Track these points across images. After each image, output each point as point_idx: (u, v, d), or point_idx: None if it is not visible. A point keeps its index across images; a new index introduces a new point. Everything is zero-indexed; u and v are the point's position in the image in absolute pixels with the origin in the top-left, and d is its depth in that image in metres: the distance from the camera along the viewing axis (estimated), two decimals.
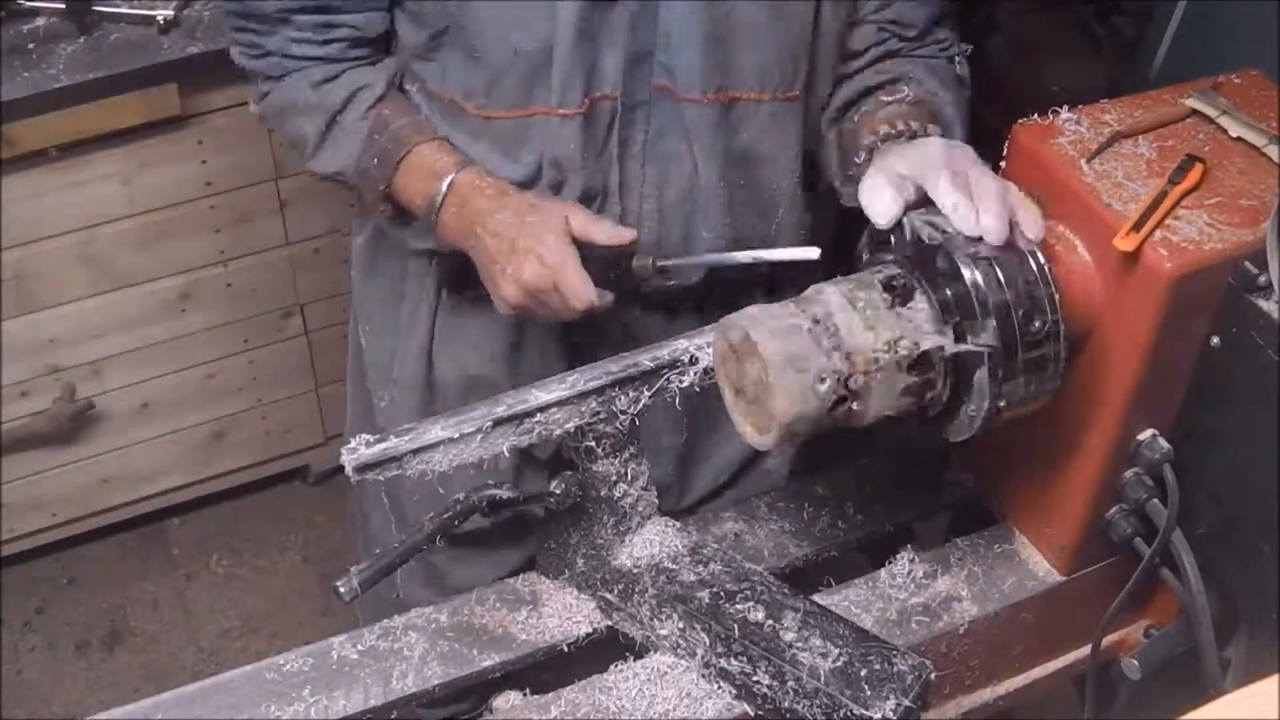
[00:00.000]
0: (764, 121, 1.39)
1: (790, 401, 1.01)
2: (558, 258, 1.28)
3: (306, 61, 1.41)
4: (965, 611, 1.29)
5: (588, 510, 1.24)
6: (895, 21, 1.45)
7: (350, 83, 1.41)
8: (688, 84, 1.34)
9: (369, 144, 1.39)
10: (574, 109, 1.33)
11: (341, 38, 1.39)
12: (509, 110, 1.36)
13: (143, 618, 2.75)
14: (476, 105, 1.38)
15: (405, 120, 1.39)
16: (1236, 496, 1.16)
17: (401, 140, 1.38)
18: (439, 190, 1.35)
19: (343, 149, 1.41)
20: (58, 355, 2.42)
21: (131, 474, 2.67)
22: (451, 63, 1.37)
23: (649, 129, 1.37)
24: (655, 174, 1.39)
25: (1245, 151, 1.18)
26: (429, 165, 1.37)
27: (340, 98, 1.40)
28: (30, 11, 2.12)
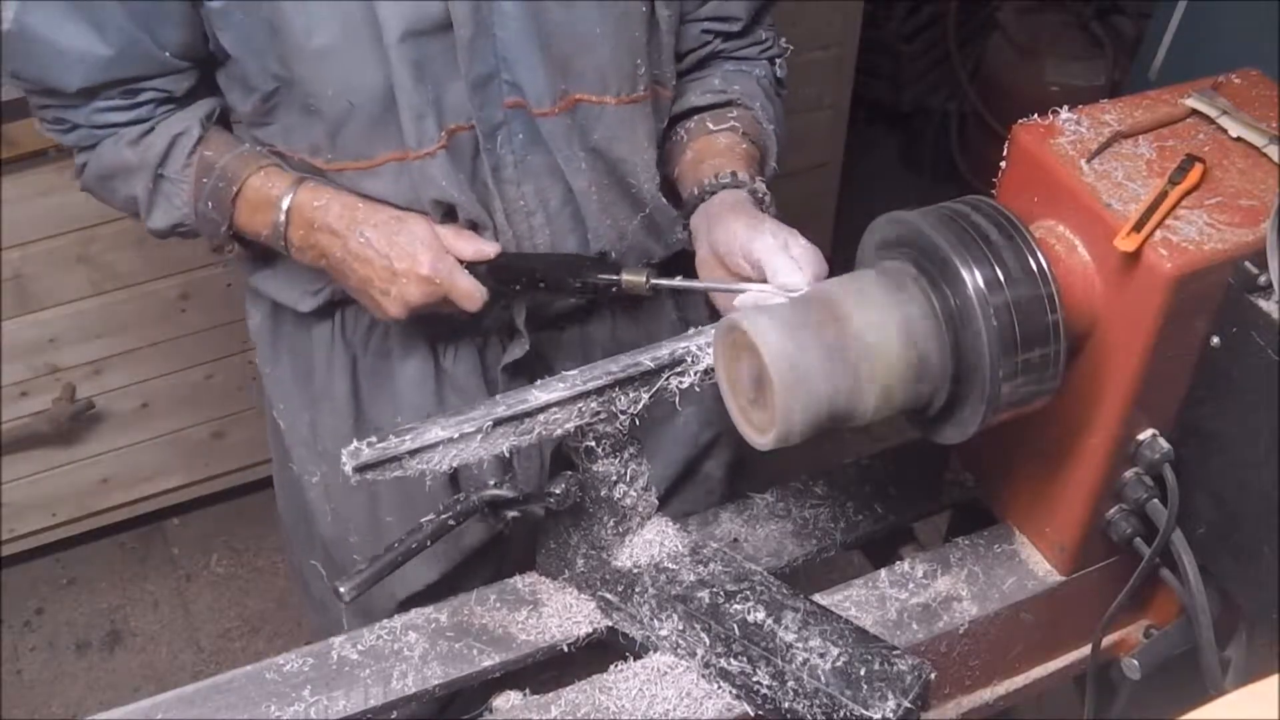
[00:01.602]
0: (612, 124, 1.38)
1: (790, 401, 1.01)
2: (442, 272, 1.31)
3: (116, 128, 1.38)
4: (965, 611, 1.29)
5: (588, 510, 1.24)
6: (718, 18, 1.47)
7: (166, 133, 1.38)
8: (537, 98, 1.33)
9: (199, 190, 1.38)
10: (434, 146, 1.32)
11: (149, 99, 1.37)
12: (357, 161, 1.35)
13: (143, 618, 2.75)
14: (324, 161, 1.36)
15: (230, 156, 1.37)
16: (1236, 496, 1.16)
17: (231, 177, 1.36)
18: (279, 217, 1.35)
19: (175, 201, 1.39)
20: (58, 355, 2.43)
21: (131, 474, 2.68)
22: (289, 122, 1.36)
23: (514, 147, 1.36)
24: (533, 190, 1.39)
25: (1245, 151, 1.18)
26: (262, 195, 1.36)
27: (159, 150, 1.37)
28: None
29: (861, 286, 1.07)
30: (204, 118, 1.39)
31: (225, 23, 1.29)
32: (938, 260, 1.05)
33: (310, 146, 1.36)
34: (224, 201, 1.37)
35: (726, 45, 1.51)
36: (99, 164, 1.41)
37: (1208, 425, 1.17)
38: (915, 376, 1.05)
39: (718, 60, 1.52)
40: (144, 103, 1.37)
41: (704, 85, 1.50)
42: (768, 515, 1.40)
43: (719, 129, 1.45)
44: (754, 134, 1.47)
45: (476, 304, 1.34)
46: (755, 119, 1.49)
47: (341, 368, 1.53)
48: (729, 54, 1.52)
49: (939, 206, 1.09)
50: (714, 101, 1.49)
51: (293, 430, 1.60)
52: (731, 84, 1.50)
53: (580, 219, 1.42)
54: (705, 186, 1.37)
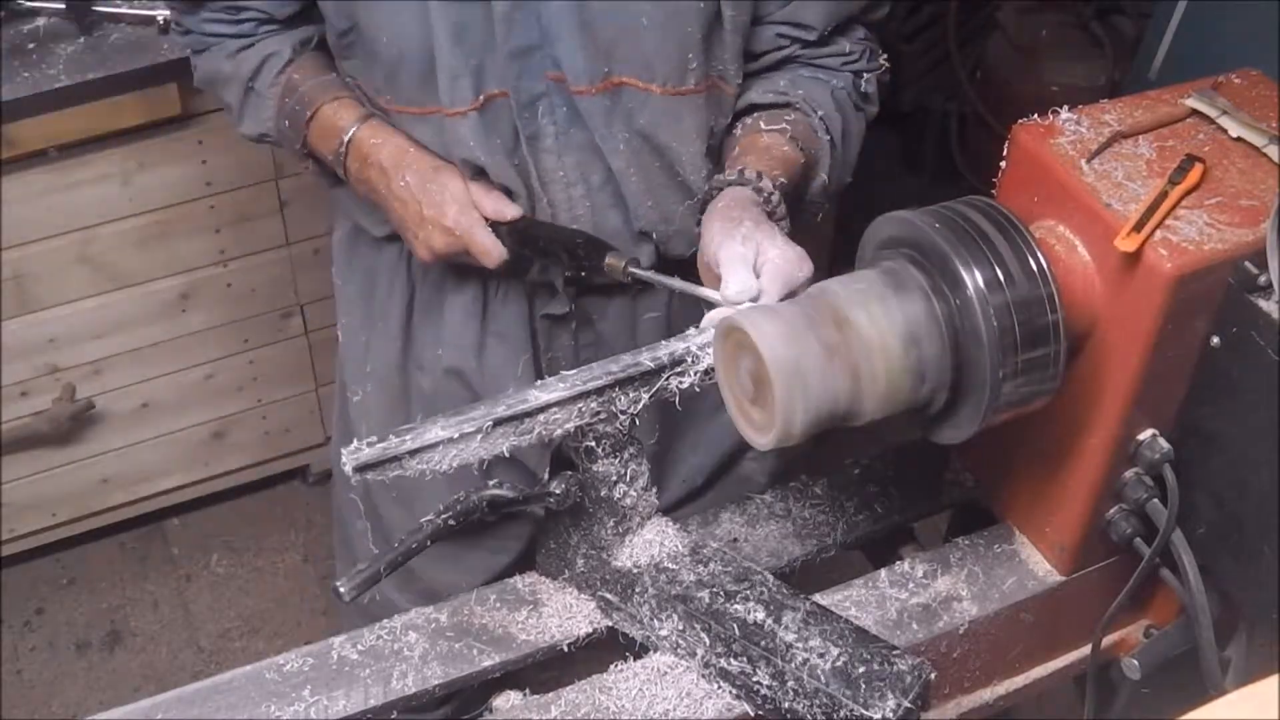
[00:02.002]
0: (657, 113, 1.38)
1: (790, 401, 1.01)
2: (463, 225, 1.39)
3: (222, 38, 1.50)
4: (965, 611, 1.29)
5: (588, 510, 1.24)
6: (792, 23, 1.43)
7: (261, 51, 1.49)
8: (575, 76, 1.35)
9: (281, 107, 1.49)
10: (466, 106, 1.37)
11: (251, 18, 1.48)
12: (412, 107, 1.42)
13: (143, 618, 2.75)
14: (386, 101, 1.44)
15: (312, 82, 1.47)
16: (1236, 496, 1.16)
17: (308, 101, 1.46)
18: (340, 145, 1.45)
19: (261, 113, 1.51)
20: (58, 355, 2.42)
21: (131, 474, 2.67)
22: (361, 61, 1.44)
23: (555, 119, 1.39)
24: (574, 163, 1.41)
25: (1245, 151, 1.18)
26: (331, 123, 1.46)
27: (252, 65, 1.49)
28: (30, 11, 2.12)
29: (861, 287, 1.07)
30: (298, 42, 1.50)
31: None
32: (938, 260, 1.05)
33: (375, 86, 1.44)
34: (299, 123, 1.47)
35: (804, 52, 1.46)
36: (206, 67, 1.54)
37: (1208, 425, 1.17)
38: (915, 376, 1.05)
39: (794, 64, 1.48)
40: (246, 19, 1.48)
41: (769, 84, 1.46)
42: (768, 515, 1.40)
43: (770, 129, 1.41)
44: (804, 139, 1.42)
45: (493, 261, 1.40)
46: (811, 126, 1.44)
47: (400, 293, 1.60)
48: (807, 60, 1.47)
49: (939, 206, 1.09)
50: (773, 101, 1.45)
51: (349, 345, 1.69)
52: (798, 88, 1.45)
53: (621, 197, 1.43)
54: (714, 182, 1.34)
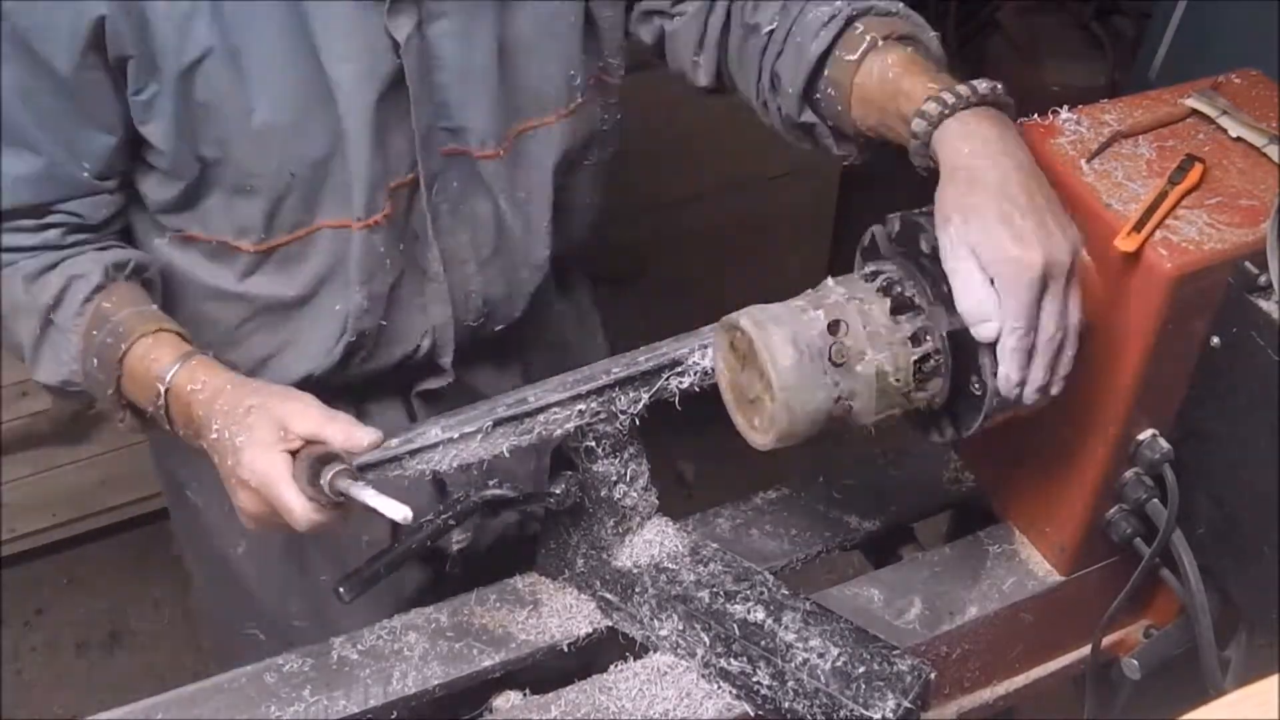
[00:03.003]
0: (554, 140, 1.34)
1: (790, 402, 1.01)
2: (259, 475, 1.08)
3: (19, 254, 1.24)
4: (965, 611, 1.29)
5: (588, 510, 1.24)
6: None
7: (64, 273, 1.23)
8: (480, 141, 1.29)
9: (88, 343, 1.21)
10: (380, 214, 1.26)
11: (58, 224, 1.24)
12: (290, 233, 1.27)
13: (143, 618, 2.75)
14: (253, 240, 1.27)
15: (128, 311, 1.20)
16: (1236, 496, 1.16)
17: (122, 334, 1.19)
18: (158, 398, 1.17)
19: (62, 353, 1.23)
20: None
21: (131, 474, 2.67)
22: (214, 207, 1.25)
23: (448, 196, 1.31)
24: (468, 239, 1.34)
25: (1245, 151, 1.18)
26: (146, 366, 1.18)
27: (53, 292, 1.22)
28: None
29: (861, 287, 1.07)
30: (111, 265, 1.23)
31: (152, 114, 1.18)
32: (938, 260, 1.05)
33: (237, 229, 1.26)
34: (110, 361, 1.19)
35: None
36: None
37: (1208, 425, 1.17)
38: (915, 377, 1.05)
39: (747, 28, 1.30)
40: (52, 226, 1.24)
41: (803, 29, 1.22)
42: (768, 515, 1.40)
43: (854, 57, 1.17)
44: (895, 28, 1.19)
45: (299, 524, 1.07)
46: (872, 9, 1.22)
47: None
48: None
49: None
50: (826, 33, 1.20)
51: (210, 508, 1.49)
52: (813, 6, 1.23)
53: (512, 261, 1.38)
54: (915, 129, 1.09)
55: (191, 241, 1.29)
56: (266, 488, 1.07)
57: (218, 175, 1.22)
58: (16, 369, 2.39)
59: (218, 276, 1.30)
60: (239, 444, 1.09)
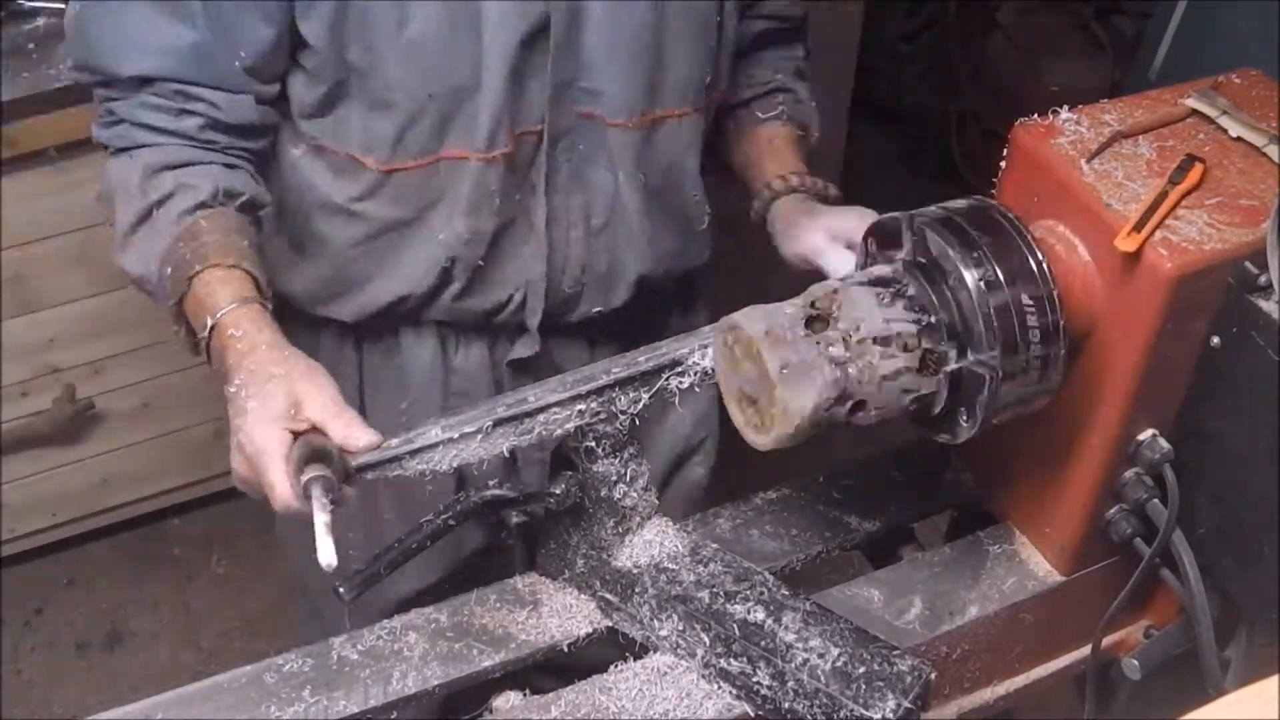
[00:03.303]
0: (685, 136, 1.40)
1: (790, 402, 1.01)
2: (259, 451, 1.12)
3: (156, 134, 1.28)
4: (965, 611, 1.29)
5: (588, 510, 1.24)
6: (779, 16, 1.53)
7: (177, 180, 1.27)
8: (613, 110, 1.33)
9: (171, 250, 1.25)
10: (501, 150, 1.30)
11: (198, 113, 1.28)
12: (417, 159, 1.31)
13: (143, 618, 2.75)
14: (379, 158, 1.32)
15: (217, 236, 1.24)
16: (1236, 496, 1.16)
17: (200, 255, 1.23)
18: (204, 328, 1.22)
19: (150, 248, 1.27)
20: (58, 355, 2.42)
21: (131, 474, 2.67)
22: (350, 117, 1.31)
23: (572, 159, 1.35)
24: (580, 202, 1.38)
25: (1245, 151, 1.18)
26: (207, 292, 1.22)
27: (163, 191, 1.27)
28: (30, 11, 2.12)
29: (861, 287, 1.07)
30: (223, 190, 1.28)
31: (310, 12, 1.24)
32: (938, 260, 1.05)
33: (366, 144, 1.32)
34: (181, 277, 1.23)
35: (776, 39, 1.56)
36: (116, 174, 1.32)
37: (1208, 425, 1.17)
38: (915, 377, 1.05)
39: (760, 49, 1.57)
40: (190, 114, 1.28)
41: (752, 76, 1.56)
42: (768, 515, 1.40)
43: (767, 117, 1.54)
44: (799, 116, 1.56)
45: (279, 504, 1.11)
46: (798, 99, 1.57)
47: (349, 365, 1.51)
48: (772, 42, 1.56)
49: (939, 206, 1.09)
50: (761, 91, 1.56)
51: None
52: (774, 71, 1.57)
53: (616, 239, 1.42)
54: (772, 190, 1.46)
55: (323, 153, 1.35)
56: (259, 458, 1.11)
57: (361, 85, 1.28)
58: (16, 369, 2.39)
59: (342, 193, 1.36)
60: (249, 409, 1.13)
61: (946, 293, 1.04)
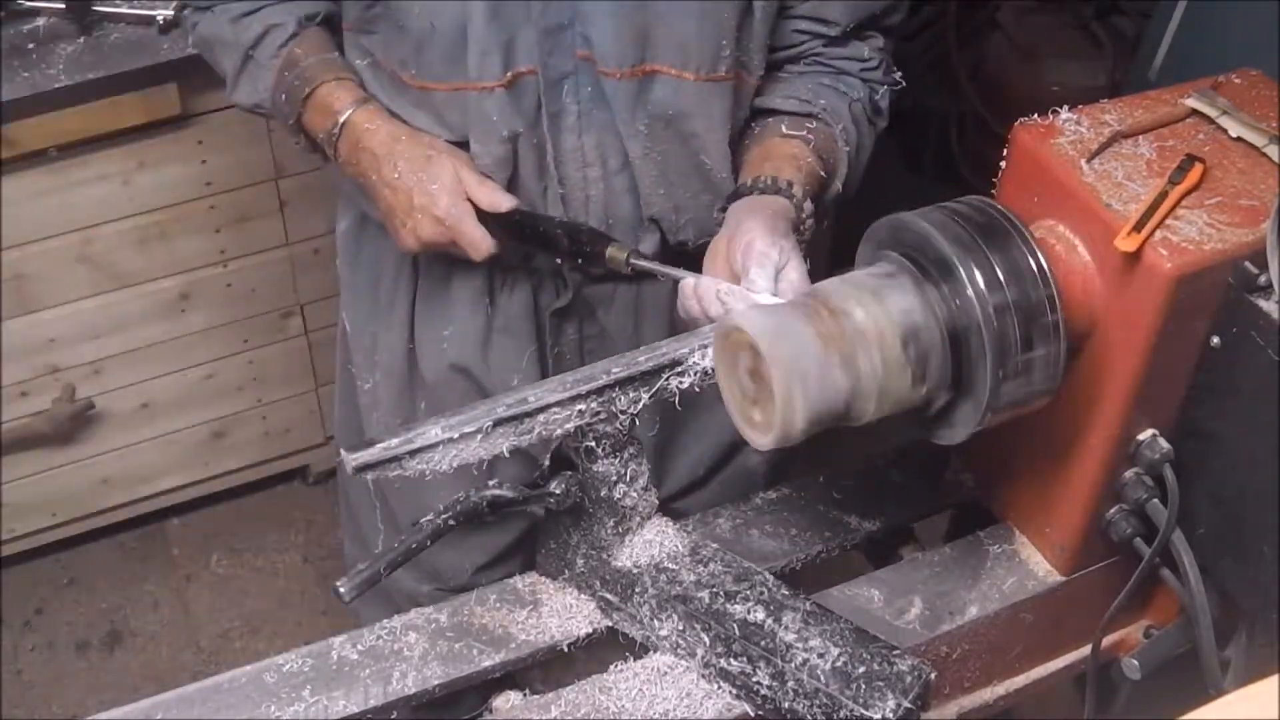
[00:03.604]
0: (688, 100, 1.38)
1: (791, 400, 1.01)
2: (453, 215, 1.37)
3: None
4: (965, 611, 1.29)
5: (588, 510, 1.24)
6: (815, 18, 1.45)
7: (265, 19, 1.47)
8: (604, 57, 1.35)
9: (280, 80, 1.46)
10: (495, 82, 1.36)
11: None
12: (437, 82, 1.40)
13: (143, 618, 2.75)
14: (410, 76, 1.42)
15: (314, 59, 1.46)
16: (1236, 496, 1.16)
17: (308, 78, 1.44)
18: (334, 127, 1.43)
19: (258, 84, 1.49)
20: (58, 355, 2.42)
21: (131, 474, 2.67)
22: (386, 35, 1.42)
23: (579, 98, 1.38)
24: (594, 144, 1.41)
25: (1245, 151, 1.18)
26: (328, 102, 1.44)
27: (254, 34, 1.47)
28: (30, 11, 2.12)
29: (861, 286, 1.07)
30: (304, 16, 1.47)
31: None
32: (938, 261, 1.05)
33: (400, 60, 1.41)
34: (296, 99, 1.45)
35: (824, 50, 1.48)
36: (205, 29, 1.51)
37: (1208, 425, 1.17)
38: (915, 377, 1.05)
39: (815, 66, 1.49)
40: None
41: (790, 89, 1.47)
42: (768, 515, 1.40)
43: (791, 134, 1.43)
44: (825, 151, 1.44)
45: (480, 254, 1.38)
46: (832, 138, 1.46)
47: (406, 286, 1.59)
48: (825, 60, 1.48)
49: (939, 206, 1.09)
50: (796, 109, 1.46)
51: (357, 335, 1.67)
52: (819, 97, 1.47)
53: (635, 182, 1.43)
54: (755, 184, 1.36)
55: (377, 68, 1.46)
56: (458, 223, 1.37)
57: (386, 8, 1.39)
58: (16, 369, 2.39)
59: (400, 108, 1.46)
60: (433, 189, 1.37)
61: (946, 292, 1.04)
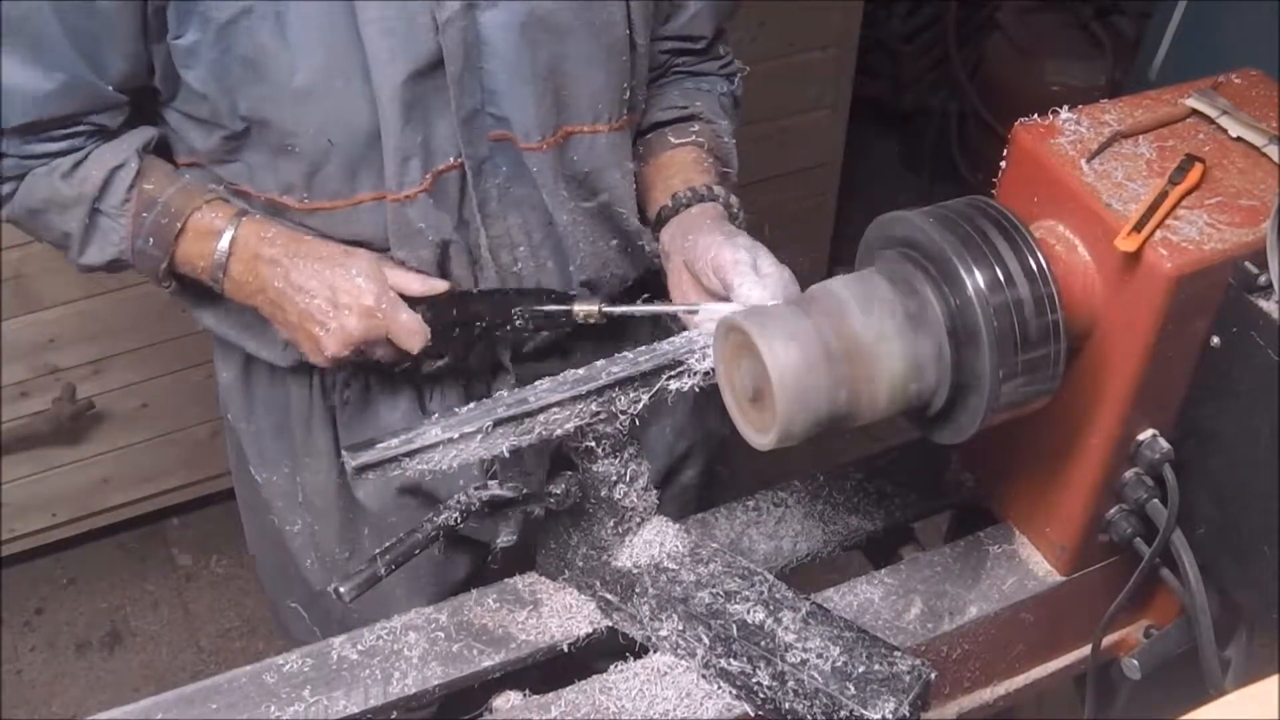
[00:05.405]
0: (601, 152, 1.37)
1: (790, 401, 1.01)
2: (385, 307, 1.28)
3: (49, 158, 1.31)
4: (965, 611, 1.29)
5: (588, 510, 1.24)
6: (683, 36, 1.47)
7: (102, 164, 1.31)
8: (525, 133, 1.31)
9: (139, 225, 1.32)
10: (415, 189, 1.29)
11: (83, 132, 1.31)
12: (333, 200, 1.31)
13: (143, 618, 2.75)
14: (299, 199, 1.32)
15: (172, 190, 1.32)
16: (1236, 496, 1.16)
17: (175, 213, 1.31)
18: (220, 249, 1.30)
19: (111, 237, 1.33)
20: (58, 355, 2.43)
21: (131, 474, 2.68)
22: (258, 162, 1.31)
23: (498, 180, 1.34)
24: (518, 223, 1.37)
25: (1245, 151, 1.18)
26: (204, 227, 1.31)
27: (95, 184, 1.30)
28: None
29: (861, 287, 1.07)
30: (140, 148, 1.32)
31: (194, 60, 1.23)
32: (938, 260, 1.05)
33: (282, 186, 1.32)
34: (166, 238, 1.31)
35: (685, 60, 1.51)
36: (28, 196, 1.33)
37: (1208, 425, 1.17)
38: (915, 377, 1.05)
39: (677, 76, 1.52)
40: (78, 134, 1.30)
41: (664, 100, 1.49)
42: (767, 515, 1.40)
43: (681, 142, 1.45)
44: (715, 148, 1.47)
45: (418, 342, 1.30)
46: (716, 133, 1.49)
47: (322, 422, 1.50)
48: (686, 69, 1.52)
49: (939, 206, 1.09)
50: (676, 116, 1.48)
51: (271, 484, 1.57)
52: (693, 100, 1.50)
53: (562, 250, 1.40)
54: (679, 199, 1.37)
55: (247, 197, 1.35)
56: (392, 311, 1.28)
57: (260, 133, 1.27)
58: (16, 369, 2.39)
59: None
60: (358, 283, 1.27)
61: (947, 292, 1.04)
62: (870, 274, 1.09)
